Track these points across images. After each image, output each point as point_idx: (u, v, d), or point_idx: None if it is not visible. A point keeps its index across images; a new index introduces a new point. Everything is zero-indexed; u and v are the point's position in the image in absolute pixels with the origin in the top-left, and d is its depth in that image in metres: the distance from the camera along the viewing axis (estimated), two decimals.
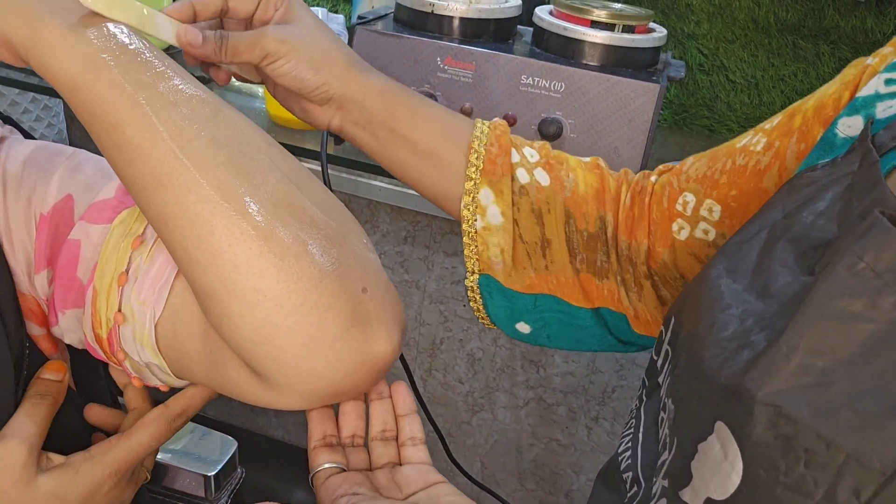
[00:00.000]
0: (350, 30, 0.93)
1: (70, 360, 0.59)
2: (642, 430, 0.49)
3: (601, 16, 0.89)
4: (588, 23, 0.89)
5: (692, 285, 0.47)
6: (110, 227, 0.50)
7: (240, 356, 0.45)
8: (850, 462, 0.32)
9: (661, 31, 0.93)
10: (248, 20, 0.59)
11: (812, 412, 0.34)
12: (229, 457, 1.11)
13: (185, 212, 0.42)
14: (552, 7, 0.95)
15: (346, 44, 0.62)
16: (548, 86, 0.88)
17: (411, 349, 1.55)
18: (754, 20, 1.23)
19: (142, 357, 0.50)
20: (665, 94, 0.86)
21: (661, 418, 0.46)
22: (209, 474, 1.07)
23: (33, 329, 0.54)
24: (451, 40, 0.91)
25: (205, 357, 0.48)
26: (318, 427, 0.50)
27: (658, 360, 0.49)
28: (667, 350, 0.47)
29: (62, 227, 0.51)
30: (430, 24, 0.92)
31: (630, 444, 0.50)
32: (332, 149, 0.98)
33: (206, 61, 0.58)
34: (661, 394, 0.47)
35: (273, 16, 0.58)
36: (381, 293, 0.46)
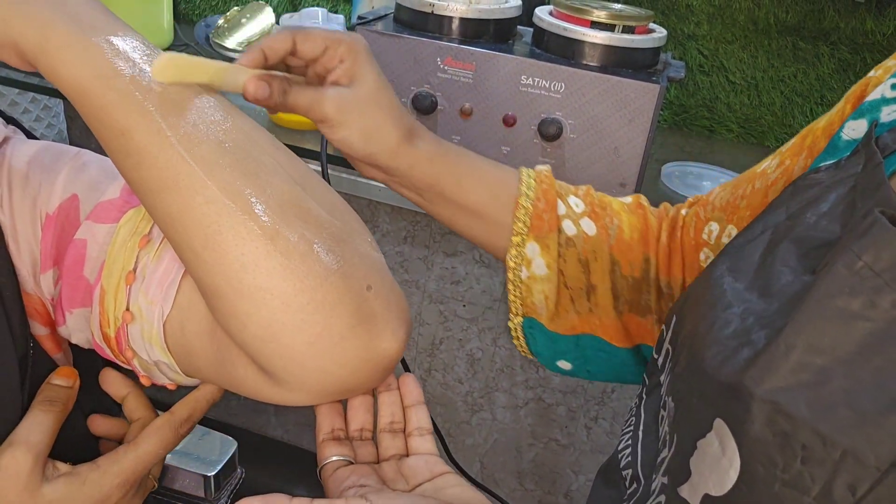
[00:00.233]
0: (350, 30, 0.93)
1: (73, 361, 0.59)
2: (642, 427, 0.49)
3: (601, 16, 0.89)
4: (588, 23, 0.89)
5: (694, 285, 0.47)
6: (117, 227, 0.50)
7: (247, 354, 0.45)
8: (847, 458, 0.33)
9: (661, 32, 0.93)
10: (313, 62, 0.57)
11: (810, 409, 0.34)
12: (229, 457, 1.10)
13: (192, 213, 0.42)
14: (552, 7, 0.95)
15: (401, 108, 0.59)
16: (548, 86, 0.88)
17: (411, 349, 1.55)
18: (754, 21, 1.23)
19: (150, 355, 0.50)
20: (665, 94, 0.86)
21: (662, 416, 0.46)
22: (209, 474, 1.06)
23: (37, 329, 0.54)
24: (451, 40, 0.91)
25: (212, 355, 0.48)
26: (327, 421, 0.51)
27: (659, 359, 0.49)
28: (667, 349, 0.48)
29: (68, 227, 0.51)
30: (430, 25, 0.92)
31: (630, 442, 0.50)
32: (332, 149, 0.98)
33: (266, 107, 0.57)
34: (661, 392, 0.47)
35: (337, 67, 0.56)
36: (386, 291, 0.46)
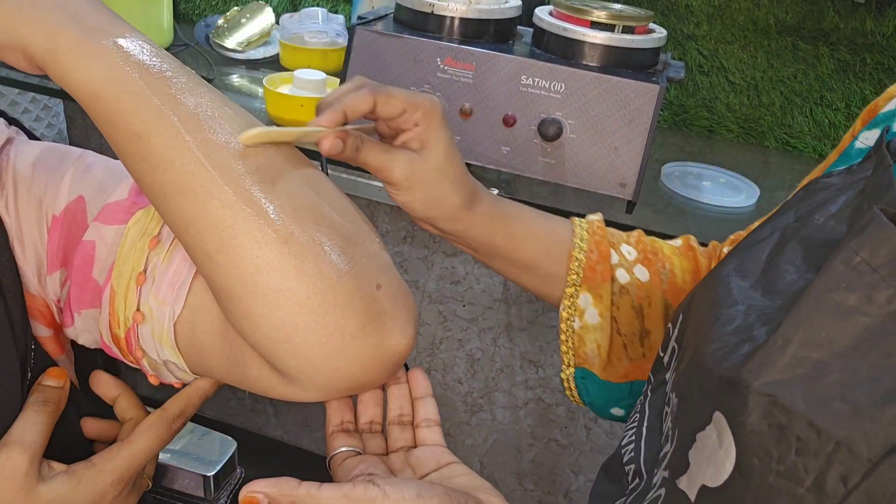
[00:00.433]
0: (350, 30, 0.93)
1: (74, 363, 0.59)
2: (646, 424, 0.50)
3: (601, 16, 0.89)
4: (588, 23, 0.89)
5: (702, 284, 0.47)
6: (125, 228, 0.51)
7: (260, 354, 0.46)
8: (840, 450, 0.33)
9: (660, 32, 0.93)
10: (388, 120, 0.57)
11: (806, 402, 0.34)
12: (228, 457, 1.10)
13: (208, 217, 0.42)
14: (552, 7, 0.95)
15: (466, 174, 0.60)
16: (548, 86, 0.88)
17: None
18: (754, 21, 1.23)
19: (160, 355, 0.50)
20: (665, 94, 0.86)
21: (666, 412, 0.47)
22: (208, 474, 1.06)
23: (40, 330, 0.54)
24: (451, 41, 0.91)
25: (225, 354, 0.49)
26: (337, 414, 0.52)
27: (664, 357, 0.50)
28: (673, 347, 0.48)
29: (75, 229, 0.52)
30: (430, 25, 0.92)
31: (633, 438, 0.51)
32: None
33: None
34: (666, 389, 0.47)
35: (412, 130, 0.56)
36: (394, 289, 0.47)
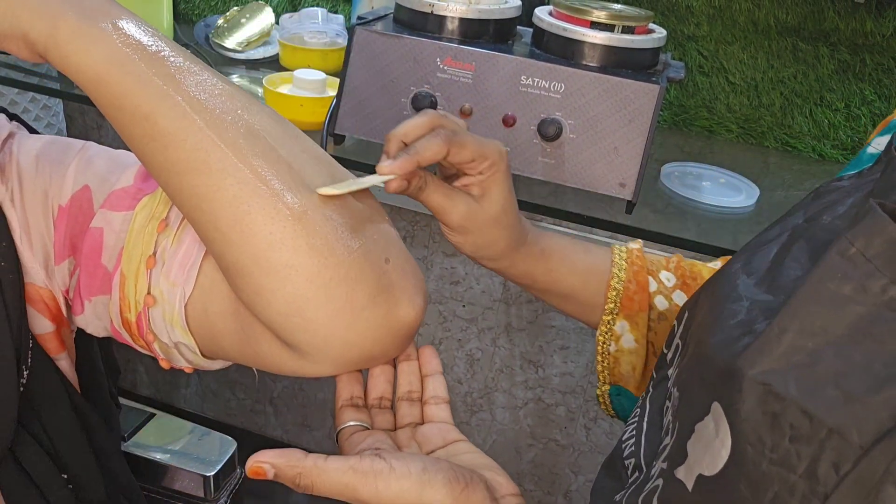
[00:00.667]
0: (350, 30, 0.93)
1: (75, 362, 0.59)
2: (647, 419, 0.50)
3: (601, 16, 0.89)
4: (588, 23, 0.89)
5: (708, 283, 0.48)
6: (133, 214, 0.51)
7: (271, 330, 0.46)
8: (832, 436, 0.33)
9: (660, 32, 0.93)
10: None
11: (799, 390, 0.35)
12: (228, 457, 1.11)
13: (222, 194, 0.43)
14: (552, 8, 0.95)
15: (518, 221, 0.61)
16: (547, 86, 0.88)
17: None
18: (754, 22, 1.23)
19: (172, 337, 0.51)
20: (665, 95, 0.86)
21: (667, 407, 0.47)
22: (208, 474, 1.07)
23: (42, 326, 0.55)
24: (450, 41, 0.91)
25: (236, 333, 0.49)
26: (346, 389, 0.52)
27: (668, 354, 0.50)
28: (678, 343, 0.49)
29: (81, 217, 0.52)
30: (430, 25, 0.92)
31: (634, 433, 0.51)
32: (332, 149, 0.98)
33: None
34: (668, 385, 0.48)
35: (475, 177, 0.57)
36: (402, 262, 0.48)
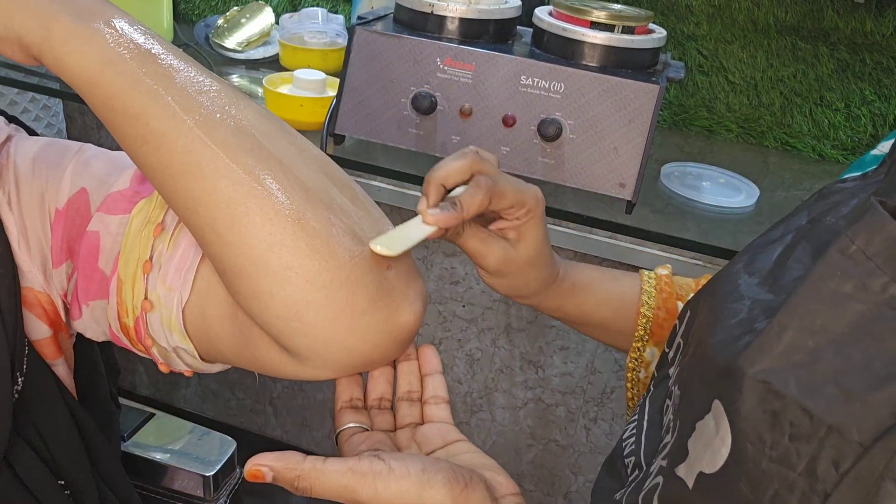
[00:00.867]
0: (350, 30, 0.93)
1: (73, 369, 0.59)
2: (647, 418, 0.50)
3: (601, 17, 0.89)
4: (588, 23, 0.89)
5: (710, 283, 0.48)
6: (129, 217, 0.51)
7: (269, 334, 0.46)
8: (832, 434, 0.33)
9: (660, 32, 0.93)
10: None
11: (799, 388, 0.34)
12: (228, 457, 1.10)
13: (217, 195, 0.42)
14: (552, 8, 0.95)
15: (551, 260, 0.62)
16: (547, 86, 0.88)
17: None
18: (753, 21, 1.23)
19: (170, 342, 0.51)
20: (664, 94, 0.86)
21: (667, 405, 0.47)
22: (208, 474, 1.07)
23: (39, 331, 0.54)
24: (450, 41, 0.91)
25: (234, 337, 0.49)
26: (346, 391, 0.52)
27: (669, 353, 0.50)
28: (679, 342, 0.49)
29: (78, 220, 0.52)
30: (430, 25, 0.92)
31: (634, 432, 0.51)
32: (332, 149, 0.98)
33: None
34: (668, 384, 0.48)
35: (511, 222, 0.57)
36: (405, 267, 0.48)
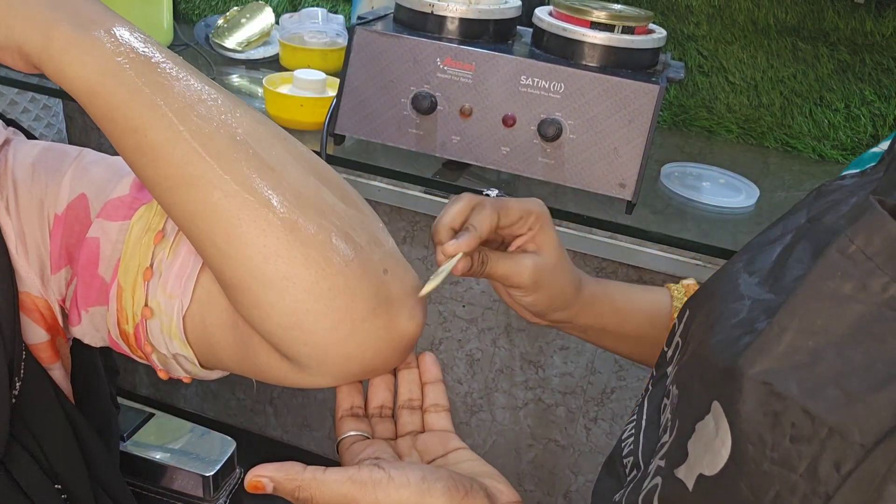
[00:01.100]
0: (350, 30, 0.93)
1: (70, 373, 0.59)
2: (645, 417, 0.50)
3: (601, 17, 0.89)
4: (588, 24, 0.89)
5: (711, 281, 0.48)
6: (129, 224, 0.51)
7: (270, 343, 0.46)
8: (833, 436, 0.33)
9: (660, 32, 0.93)
10: (503, 228, 0.59)
11: (800, 389, 0.34)
12: (228, 457, 1.10)
13: (211, 207, 0.43)
14: (552, 8, 0.95)
15: (572, 267, 0.63)
16: (547, 86, 0.88)
17: None
18: (754, 22, 1.23)
19: (170, 349, 0.50)
20: (664, 95, 0.86)
21: (665, 404, 0.47)
22: (207, 474, 1.06)
23: (36, 336, 0.54)
24: (450, 41, 0.91)
25: (235, 346, 0.49)
26: (346, 399, 0.52)
27: (668, 352, 0.50)
28: (678, 341, 0.48)
29: (78, 227, 0.52)
30: (430, 25, 0.92)
31: (633, 431, 0.51)
32: (332, 149, 0.98)
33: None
34: (666, 382, 0.48)
35: (526, 234, 0.59)
36: (401, 273, 0.48)
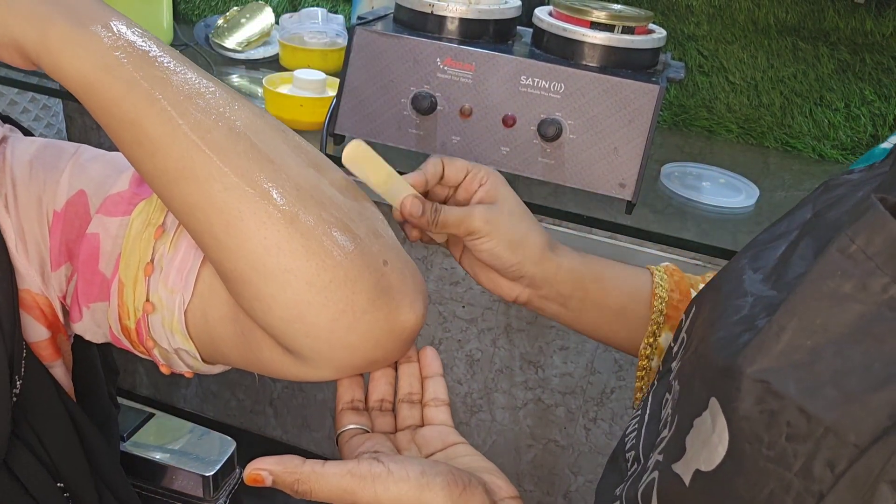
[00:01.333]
0: (350, 30, 0.93)
1: (71, 371, 0.59)
2: (648, 412, 0.50)
3: (601, 17, 0.89)
4: (588, 24, 0.89)
5: (715, 278, 0.48)
6: (129, 219, 0.51)
7: (272, 336, 0.46)
8: (828, 435, 0.33)
9: (660, 32, 0.93)
10: (455, 188, 0.62)
11: (798, 388, 0.34)
12: (228, 457, 1.10)
13: (211, 200, 0.43)
14: (552, 8, 0.95)
15: (540, 225, 0.64)
16: (547, 87, 0.88)
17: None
18: (754, 21, 1.23)
19: (172, 344, 0.51)
20: (665, 95, 0.86)
21: (666, 399, 0.47)
22: (207, 474, 1.06)
23: (37, 333, 0.54)
24: (450, 41, 0.91)
25: (237, 339, 0.49)
26: (347, 392, 0.52)
27: (674, 348, 0.50)
28: (683, 337, 0.49)
29: (77, 223, 0.52)
30: (430, 25, 0.92)
31: (636, 426, 0.51)
32: (332, 149, 0.98)
33: (417, 227, 0.61)
34: (670, 378, 0.48)
35: (477, 190, 0.61)
36: (401, 265, 0.48)
